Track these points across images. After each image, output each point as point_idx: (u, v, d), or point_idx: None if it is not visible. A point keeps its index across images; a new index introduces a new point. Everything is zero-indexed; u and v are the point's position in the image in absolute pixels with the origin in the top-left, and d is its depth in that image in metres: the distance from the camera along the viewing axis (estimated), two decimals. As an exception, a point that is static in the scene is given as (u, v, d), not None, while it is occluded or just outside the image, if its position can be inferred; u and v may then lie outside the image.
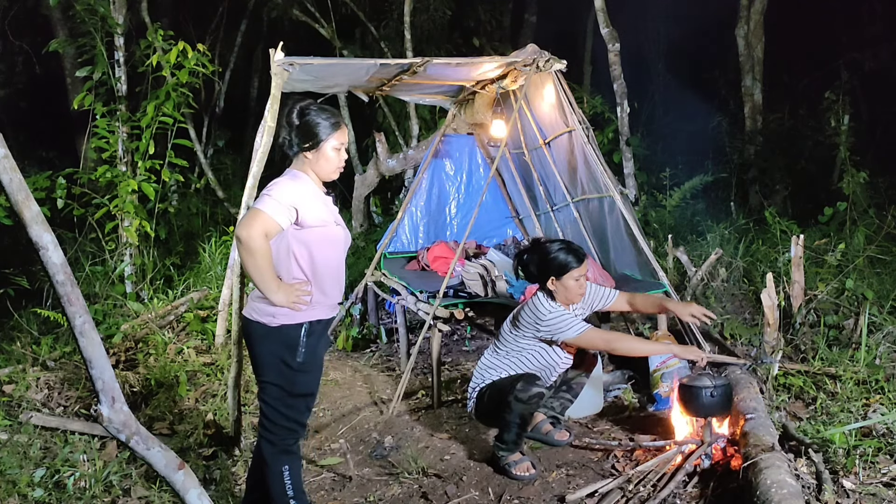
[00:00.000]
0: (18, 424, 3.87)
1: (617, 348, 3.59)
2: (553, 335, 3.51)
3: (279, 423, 2.83)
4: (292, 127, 2.86)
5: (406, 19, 9.84)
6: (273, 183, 2.81)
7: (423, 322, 4.85)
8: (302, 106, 2.88)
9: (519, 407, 3.47)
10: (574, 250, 3.60)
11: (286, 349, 2.77)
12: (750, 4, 10.34)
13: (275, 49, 4.19)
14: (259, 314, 2.79)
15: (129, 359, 4.89)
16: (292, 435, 2.86)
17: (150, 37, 6.20)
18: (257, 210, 2.70)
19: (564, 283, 3.56)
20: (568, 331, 3.48)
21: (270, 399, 2.82)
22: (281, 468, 2.83)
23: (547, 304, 3.56)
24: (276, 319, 2.76)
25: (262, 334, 2.78)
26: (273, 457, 2.84)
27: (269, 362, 2.80)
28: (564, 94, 5.26)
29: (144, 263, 6.23)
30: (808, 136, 10.04)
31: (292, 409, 2.83)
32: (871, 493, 2.85)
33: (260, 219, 2.67)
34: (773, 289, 4.30)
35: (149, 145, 5.97)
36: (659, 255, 6.40)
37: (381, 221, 10.01)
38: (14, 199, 2.33)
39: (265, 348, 2.80)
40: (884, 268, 6.10)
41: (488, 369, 3.72)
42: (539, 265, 3.62)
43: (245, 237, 2.66)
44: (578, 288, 3.58)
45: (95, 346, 2.44)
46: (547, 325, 3.50)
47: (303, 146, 2.85)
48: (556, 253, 3.57)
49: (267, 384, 2.82)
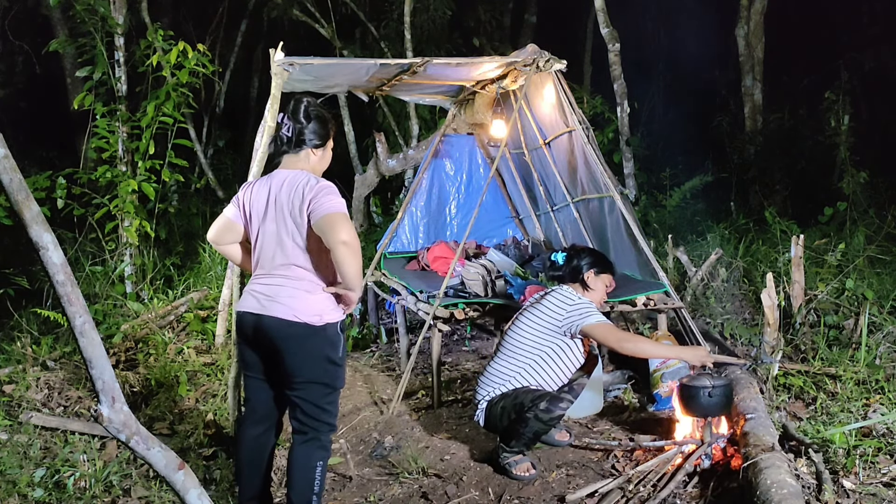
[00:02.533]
0: (18, 424, 3.87)
1: (626, 347, 3.56)
2: (576, 321, 3.55)
3: (321, 419, 2.87)
4: (307, 122, 2.88)
5: (406, 19, 9.84)
6: (321, 185, 2.80)
7: (423, 322, 4.85)
8: (311, 101, 2.92)
9: (537, 425, 3.44)
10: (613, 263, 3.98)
11: (330, 346, 2.83)
12: (750, 4, 10.34)
13: (275, 49, 4.19)
14: (303, 315, 2.79)
15: (129, 359, 4.90)
16: (331, 429, 2.92)
17: (150, 37, 6.20)
18: (344, 214, 2.74)
19: (603, 279, 3.77)
20: (591, 316, 3.55)
21: (312, 397, 2.84)
22: (315, 463, 2.86)
23: (575, 294, 3.69)
24: (323, 318, 2.80)
25: (307, 334, 2.80)
26: (311, 452, 2.87)
27: (315, 361, 2.82)
28: (564, 94, 5.26)
29: (144, 263, 6.23)
30: (808, 136, 10.05)
31: (332, 403, 2.90)
32: (871, 493, 2.85)
33: (349, 221, 2.75)
34: (773, 289, 4.30)
35: (149, 145, 5.96)
36: (659, 255, 6.40)
37: (381, 221, 10.00)
38: (14, 199, 2.32)
39: (311, 348, 2.82)
40: (884, 268, 6.10)
41: (498, 378, 3.65)
42: (587, 258, 3.77)
43: (351, 240, 2.69)
44: (605, 292, 3.81)
45: (95, 346, 2.43)
46: (574, 309, 3.57)
47: (315, 142, 2.89)
48: (604, 254, 3.99)
49: (309, 383, 2.84)
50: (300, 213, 2.78)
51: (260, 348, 2.92)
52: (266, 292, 2.85)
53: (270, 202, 2.87)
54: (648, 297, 4.80)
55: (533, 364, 3.61)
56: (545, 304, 3.66)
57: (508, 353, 3.68)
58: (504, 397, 3.58)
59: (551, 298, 3.68)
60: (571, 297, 3.65)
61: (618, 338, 3.58)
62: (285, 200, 2.82)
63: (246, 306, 2.91)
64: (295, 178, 2.85)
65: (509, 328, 3.79)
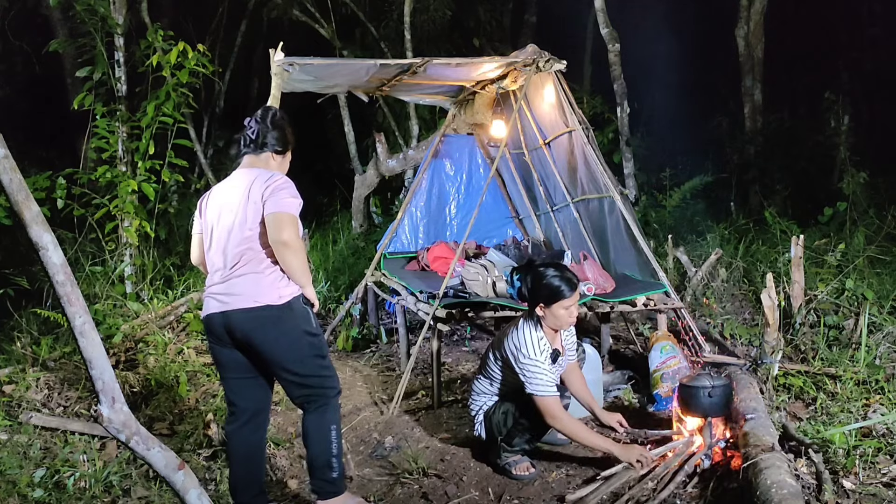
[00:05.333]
0: (18, 425, 3.87)
1: (561, 428, 3.42)
2: (523, 381, 3.40)
3: (323, 385, 2.97)
4: (272, 128, 3.05)
5: (406, 19, 9.85)
6: (282, 181, 2.92)
7: (422, 322, 4.84)
8: (279, 112, 3.13)
9: (542, 421, 3.46)
10: (568, 278, 3.42)
11: (302, 319, 2.92)
12: (750, 5, 10.35)
13: (275, 49, 4.20)
14: (263, 298, 2.87)
15: (129, 359, 4.89)
16: (336, 391, 3.02)
17: (150, 37, 6.19)
18: (292, 215, 2.86)
19: (554, 311, 3.41)
20: (537, 385, 3.36)
21: (306, 371, 2.94)
22: (329, 427, 2.97)
23: (531, 340, 3.41)
24: (282, 296, 2.89)
25: (274, 316, 2.87)
26: (321, 417, 2.96)
27: (293, 338, 2.90)
28: (564, 95, 5.26)
29: (144, 264, 6.22)
30: (808, 136, 10.05)
31: (327, 368, 3.01)
32: (871, 494, 2.85)
33: (295, 222, 2.87)
34: (773, 289, 4.30)
35: (149, 145, 5.96)
36: (659, 255, 6.40)
37: (381, 222, 10.00)
38: (14, 199, 2.33)
39: (284, 326, 2.88)
40: (884, 268, 6.10)
41: (488, 391, 3.66)
42: (531, 289, 3.47)
43: (291, 240, 2.83)
44: (568, 316, 3.44)
45: (95, 347, 2.44)
46: (521, 368, 3.40)
47: (277, 148, 3.06)
48: (550, 279, 3.41)
49: (296, 361, 2.92)
50: (260, 199, 2.88)
51: (236, 346, 2.97)
52: (223, 291, 2.93)
53: (229, 197, 2.97)
54: (648, 297, 4.80)
55: (516, 384, 3.54)
56: (505, 346, 3.50)
57: (491, 375, 3.64)
58: (501, 403, 3.59)
59: (510, 343, 3.48)
60: (524, 347, 3.40)
61: (555, 416, 3.38)
62: (247, 191, 2.91)
63: (210, 309, 2.98)
64: (255, 172, 2.97)
65: (486, 355, 3.70)
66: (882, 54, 11.56)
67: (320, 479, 3.01)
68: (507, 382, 3.60)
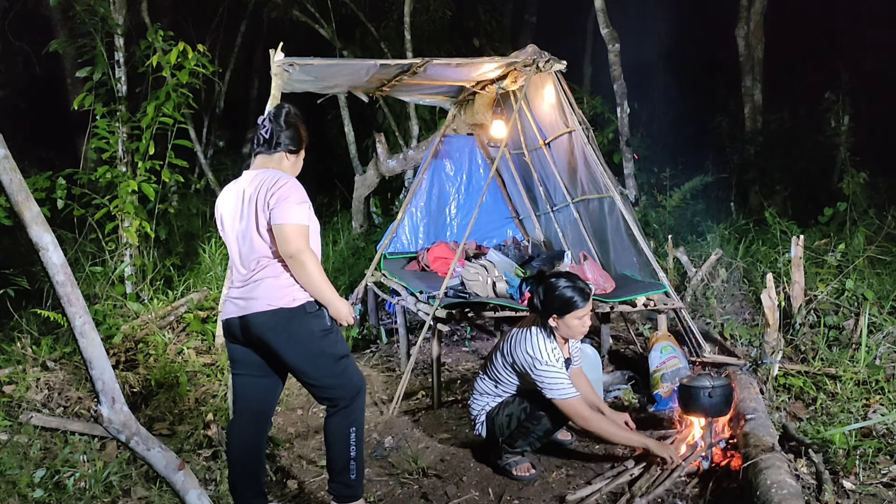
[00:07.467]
0: (18, 425, 3.87)
1: (591, 427, 3.38)
2: (546, 391, 3.36)
3: (343, 387, 2.94)
4: (286, 127, 3.00)
5: (406, 20, 9.85)
6: (287, 187, 2.86)
7: (423, 322, 4.85)
8: (292, 110, 3.06)
9: (548, 424, 3.47)
10: (580, 288, 3.40)
11: (315, 320, 2.90)
12: (750, 4, 10.35)
13: (275, 50, 4.20)
14: (278, 301, 2.86)
15: (129, 359, 4.89)
16: (356, 393, 2.98)
17: (150, 37, 6.19)
18: (295, 226, 2.81)
19: (567, 321, 3.39)
20: (558, 391, 3.33)
21: (323, 373, 2.92)
22: (348, 430, 2.95)
23: (545, 349, 3.37)
24: (296, 299, 2.88)
25: (289, 318, 2.87)
26: (341, 420, 2.95)
27: (308, 339, 2.89)
28: (564, 95, 5.26)
29: (144, 264, 6.22)
30: (808, 136, 10.06)
31: (347, 369, 2.97)
32: (871, 494, 2.85)
33: (301, 232, 2.82)
34: (774, 289, 4.30)
35: (149, 146, 5.96)
36: (659, 255, 6.41)
37: (381, 222, 10.00)
38: (14, 199, 2.33)
39: (298, 328, 2.88)
40: (884, 268, 6.10)
41: (492, 392, 3.64)
42: (543, 300, 3.43)
43: (297, 253, 2.80)
44: (581, 326, 3.42)
45: (95, 347, 2.44)
46: (539, 377, 3.36)
47: (291, 147, 3.02)
48: (563, 290, 3.38)
49: (314, 363, 2.91)
50: (266, 207, 2.86)
51: (251, 346, 2.98)
52: (241, 296, 2.94)
53: (243, 200, 2.94)
54: (648, 297, 4.80)
55: (528, 389, 3.52)
56: (518, 354, 3.44)
57: (497, 377, 3.62)
58: (505, 405, 3.58)
59: (521, 352, 3.42)
60: (540, 355, 3.36)
61: (584, 416, 3.36)
62: (254, 196, 2.89)
63: (228, 313, 3.00)
64: (265, 175, 2.93)
65: (491, 356, 3.67)
66: (882, 54, 11.56)
67: (338, 482, 3.00)
68: (519, 387, 3.57)
